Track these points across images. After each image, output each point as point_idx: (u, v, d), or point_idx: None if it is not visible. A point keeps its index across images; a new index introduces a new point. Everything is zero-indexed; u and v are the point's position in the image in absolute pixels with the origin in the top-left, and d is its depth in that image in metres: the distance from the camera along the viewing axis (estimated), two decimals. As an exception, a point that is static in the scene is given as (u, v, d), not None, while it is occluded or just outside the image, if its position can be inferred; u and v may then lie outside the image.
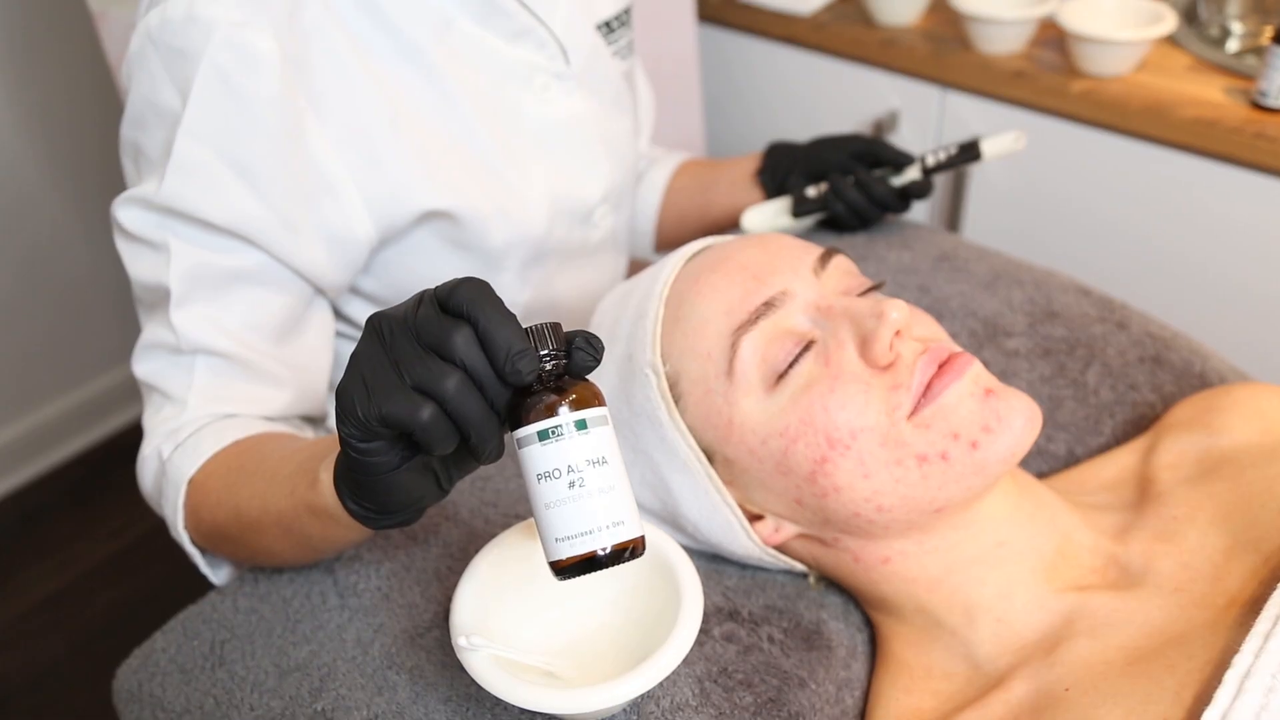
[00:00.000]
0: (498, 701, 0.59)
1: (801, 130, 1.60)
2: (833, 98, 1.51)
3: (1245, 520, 0.61)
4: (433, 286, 0.47)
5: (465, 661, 0.53)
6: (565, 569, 0.47)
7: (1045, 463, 0.77)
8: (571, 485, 0.46)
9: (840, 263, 0.65)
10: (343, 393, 0.47)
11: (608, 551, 0.46)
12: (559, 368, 0.47)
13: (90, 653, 1.65)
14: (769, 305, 0.61)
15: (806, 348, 0.60)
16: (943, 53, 1.33)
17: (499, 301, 0.45)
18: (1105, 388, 0.79)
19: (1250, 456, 0.64)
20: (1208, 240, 1.23)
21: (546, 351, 0.47)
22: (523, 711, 0.58)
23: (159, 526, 0.78)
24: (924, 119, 1.41)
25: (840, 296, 0.62)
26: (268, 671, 0.64)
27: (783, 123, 1.62)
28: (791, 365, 0.60)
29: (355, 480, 0.51)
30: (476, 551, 0.59)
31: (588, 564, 0.47)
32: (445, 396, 0.44)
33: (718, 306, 0.62)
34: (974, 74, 1.31)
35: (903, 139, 1.46)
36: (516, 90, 0.81)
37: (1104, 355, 0.81)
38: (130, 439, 2.02)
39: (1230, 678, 0.50)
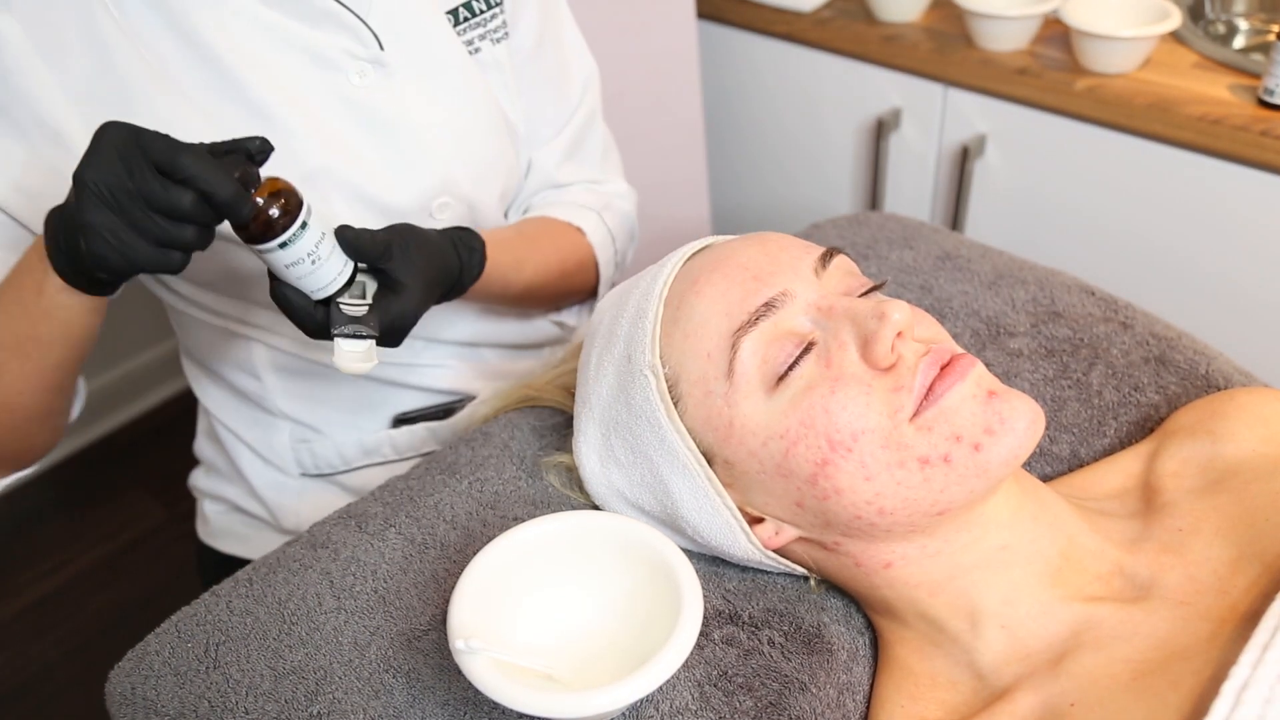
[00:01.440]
0: (496, 705, 0.58)
1: (803, 128, 1.60)
2: (834, 95, 1.51)
3: (1250, 534, 0.60)
4: (148, 167, 0.58)
5: (463, 665, 0.53)
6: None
7: (1049, 464, 0.77)
8: (313, 261, 0.66)
9: (841, 263, 0.64)
10: (95, 249, 0.60)
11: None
12: (254, 177, 0.62)
13: (83, 655, 1.65)
14: (769, 306, 0.60)
15: (807, 349, 0.59)
16: (945, 49, 1.33)
17: (210, 161, 0.58)
18: (1109, 389, 0.79)
19: (1254, 470, 0.64)
20: (1213, 239, 1.22)
21: (247, 176, 0.62)
22: (521, 715, 0.58)
23: (153, 528, 0.77)
24: (926, 117, 1.41)
25: (841, 297, 0.62)
26: (263, 674, 0.63)
27: (783, 121, 1.61)
28: (792, 367, 0.59)
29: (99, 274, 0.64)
30: (474, 554, 0.59)
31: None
32: (189, 245, 0.61)
33: (717, 307, 0.61)
34: (977, 71, 1.30)
35: (904, 137, 1.45)
36: (319, 75, 0.79)
37: (1108, 356, 0.80)
38: (125, 440, 2.02)
39: (1228, 689, 0.49)
